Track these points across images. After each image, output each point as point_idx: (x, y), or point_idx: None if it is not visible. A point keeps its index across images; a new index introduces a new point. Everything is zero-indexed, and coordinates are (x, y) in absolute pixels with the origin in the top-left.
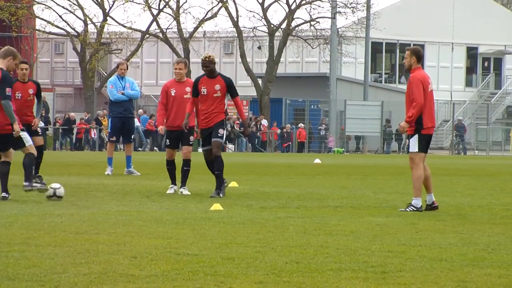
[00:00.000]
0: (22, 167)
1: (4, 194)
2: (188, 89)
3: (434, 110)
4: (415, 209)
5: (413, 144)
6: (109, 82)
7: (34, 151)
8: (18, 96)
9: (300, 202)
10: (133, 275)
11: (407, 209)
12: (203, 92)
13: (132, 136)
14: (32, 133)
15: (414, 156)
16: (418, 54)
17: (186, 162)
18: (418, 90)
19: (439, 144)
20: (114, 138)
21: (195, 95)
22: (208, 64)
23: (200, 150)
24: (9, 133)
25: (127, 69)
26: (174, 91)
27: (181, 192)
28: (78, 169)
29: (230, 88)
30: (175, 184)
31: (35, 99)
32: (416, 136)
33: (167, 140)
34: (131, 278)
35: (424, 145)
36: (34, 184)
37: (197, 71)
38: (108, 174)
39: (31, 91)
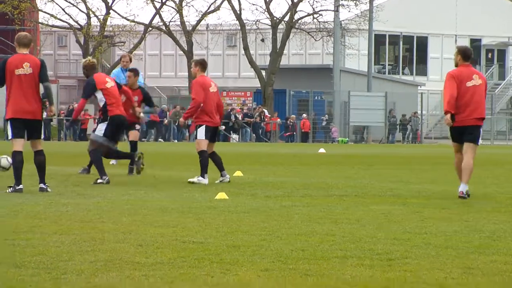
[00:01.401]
0: (38, 167)
1: (21, 186)
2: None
3: (474, 103)
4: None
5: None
6: (112, 74)
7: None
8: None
9: (305, 191)
10: (139, 263)
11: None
12: None
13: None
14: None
15: (467, 147)
16: (464, 53)
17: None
18: (449, 84)
19: (444, 133)
20: None
21: None
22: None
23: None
24: (40, 119)
25: (131, 61)
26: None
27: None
28: (83, 159)
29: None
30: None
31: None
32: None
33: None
34: (137, 266)
35: (455, 136)
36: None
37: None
38: (113, 163)
39: None
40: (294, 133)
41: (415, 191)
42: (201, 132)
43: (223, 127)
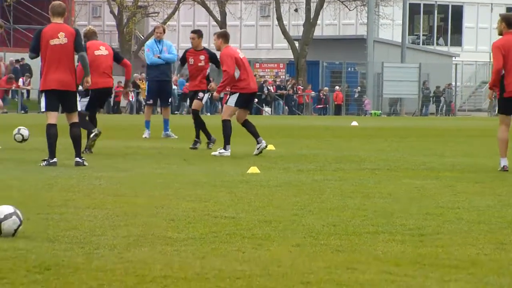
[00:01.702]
0: (73, 139)
1: (55, 159)
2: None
3: None
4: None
5: (497, 106)
6: (146, 46)
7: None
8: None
9: (337, 164)
10: (171, 238)
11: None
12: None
13: (170, 99)
14: None
15: (498, 118)
16: (508, 20)
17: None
18: (494, 56)
19: (478, 106)
20: (151, 102)
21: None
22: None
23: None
24: (75, 91)
25: (164, 32)
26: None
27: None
28: (116, 133)
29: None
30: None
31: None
32: (498, 99)
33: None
34: (169, 241)
35: (503, 107)
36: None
37: (233, 34)
38: (145, 137)
39: None
40: (327, 105)
41: (449, 165)
42: (232, 99)
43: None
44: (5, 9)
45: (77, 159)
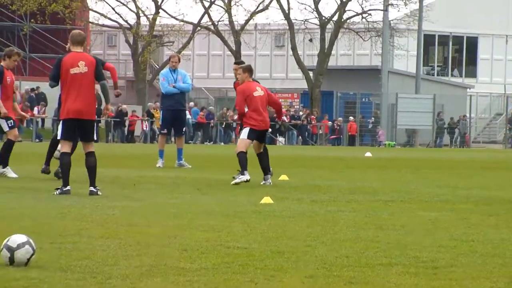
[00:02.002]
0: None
1: (68, 187)
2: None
3: None
4: None
5: None
6: (161, 75)
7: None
8: None
9: (351, 196)
10: (183, 268)
11: None
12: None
13: (184, 128)
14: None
15: None
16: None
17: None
18: None
19: (492, 138)
20: (165, 131)
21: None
22: None
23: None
24: (93, 120)
25: (179, 61)
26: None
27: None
28: (129, 161)
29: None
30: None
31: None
32: None
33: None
34: (181, 271)
35: None
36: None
37: (248, 63)
38: (159, 166)
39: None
40: (341, 136)
41: (463, 197)
42: (244, 132)
43: (269, 129)
44: (21, 38)
45: (92, 188)
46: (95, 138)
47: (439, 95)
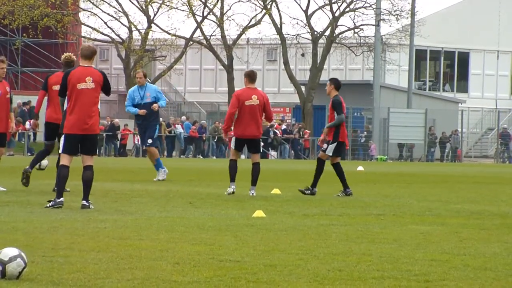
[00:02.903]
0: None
1: (61, 199)
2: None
3: None
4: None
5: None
6: (128, 96)
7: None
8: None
9: (343, 209)
10: (176, 281)
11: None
12: None
13: (150, 140)
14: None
15: None
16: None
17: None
18: None
19: (484, 152)
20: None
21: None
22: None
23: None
24: (96, 134)
25: (145, 77)
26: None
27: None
28: (122, 175)
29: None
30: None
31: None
32: None
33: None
34: (174, 284)
35: None
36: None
37: (240, 78)
38: (157, 179)
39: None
40: None
41: (454, 211)
42: (232, 142)
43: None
44: (14, 52)
45: (84, 202)
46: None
47: (431, 109)
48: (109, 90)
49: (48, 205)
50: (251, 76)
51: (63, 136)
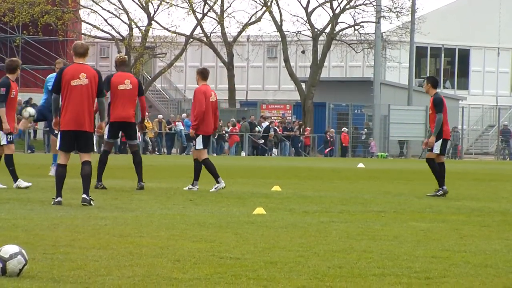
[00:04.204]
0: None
1: (59, 199)
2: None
3: None
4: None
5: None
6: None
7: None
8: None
9: (343, 206)
10: (176, 278)
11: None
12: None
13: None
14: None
15: None
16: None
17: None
18: None
19: (484, 149)
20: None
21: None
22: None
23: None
24: (91, 132)
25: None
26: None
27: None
28: (122, 172)
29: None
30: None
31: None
32: None
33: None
34: (174, 282)
35: None
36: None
37: (240, 74)
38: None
39: None
40: (333, 147)
41: (455, 208)
42: (199, 141)
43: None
44: (14, 50)
45: (84, 196)
46: (94, 149)
47: None
48: (102, 91)
49: (52, 203)
50: (204, 74)
51: (59, 133)
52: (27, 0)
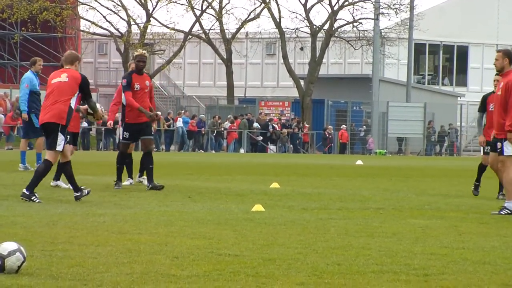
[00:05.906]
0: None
1: (35, 197)
2: (148, 83)
3: None
4: (510, 212)
5: (508, 147)
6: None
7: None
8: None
9: (341, 203)
10: (174, 275)
11: (500, 212)
12: (136, 88)
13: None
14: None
15: (506, 160)
16: (511, 55)
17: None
18: None
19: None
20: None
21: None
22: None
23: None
24: (56, 123)
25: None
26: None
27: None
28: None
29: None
30: (132, 177)
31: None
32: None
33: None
34: (172, 278)
35: None
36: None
37: (239, 71)
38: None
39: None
40: (332, 144)
41: (454, 205)
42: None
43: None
44: (12, 46)
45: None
46: (59, 149)
47: (430, 103)
48: (89, 94)
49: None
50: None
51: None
52: None
